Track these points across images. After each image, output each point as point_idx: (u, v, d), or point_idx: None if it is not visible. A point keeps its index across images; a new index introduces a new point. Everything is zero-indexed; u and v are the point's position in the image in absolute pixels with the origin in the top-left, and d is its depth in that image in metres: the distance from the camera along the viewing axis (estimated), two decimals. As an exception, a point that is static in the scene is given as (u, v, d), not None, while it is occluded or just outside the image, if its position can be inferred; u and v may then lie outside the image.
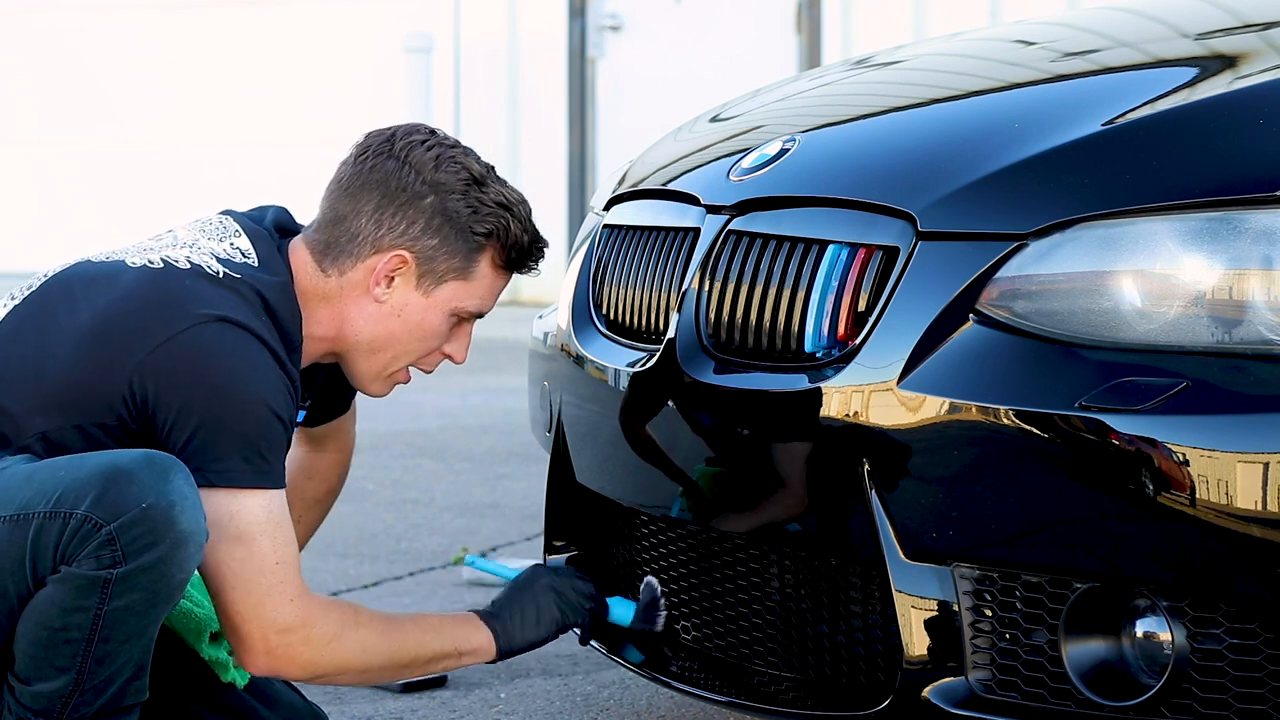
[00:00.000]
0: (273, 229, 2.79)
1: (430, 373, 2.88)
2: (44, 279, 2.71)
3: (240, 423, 2.57)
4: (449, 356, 2.84)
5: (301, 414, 2.92)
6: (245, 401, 2.57)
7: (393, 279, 2.74)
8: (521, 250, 2.78)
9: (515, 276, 2.84)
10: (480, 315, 2.82)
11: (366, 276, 2.73)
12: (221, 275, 2.65)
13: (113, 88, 11.03)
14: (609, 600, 2.94)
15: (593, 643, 2.98)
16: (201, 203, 10.86)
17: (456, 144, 2.79)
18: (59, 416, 2.59)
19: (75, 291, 2.66)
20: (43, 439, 2.59)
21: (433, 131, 2.80)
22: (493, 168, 2.81)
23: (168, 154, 10.87)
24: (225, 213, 2.82)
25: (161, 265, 2.66)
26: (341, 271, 2.74)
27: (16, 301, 2.70)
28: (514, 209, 2.76)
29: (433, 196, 2.72)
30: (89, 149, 11.12)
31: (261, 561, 2.59)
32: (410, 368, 2.84)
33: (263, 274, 2.69)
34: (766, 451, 2.63)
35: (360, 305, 2.75)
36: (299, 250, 2.75)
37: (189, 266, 2.65)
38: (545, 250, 2.83)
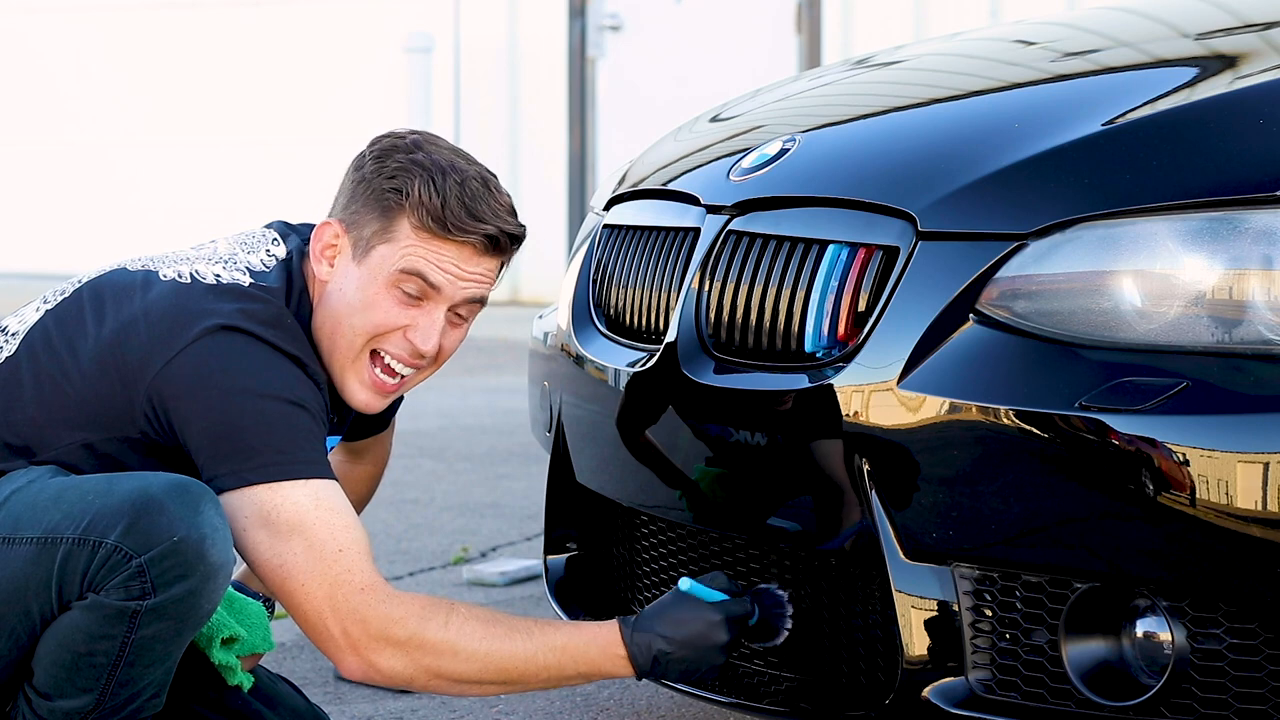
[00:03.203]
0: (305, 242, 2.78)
1: (405, 364, 2.68)
2: (78, 284, 2.71)
3: (255, 419, 2.54)
4: (412, 344, 2.66)
5: (339, 434, 2.88)
6: (257, 398, 2.54)
7: (334, 258, 2.69)
8: (436, 213, 2.61)
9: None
10: (433, 288, 2.63)
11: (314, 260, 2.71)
12: (247, 285, 2.64)
13: (113, 88, 11.04)
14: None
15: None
16: (202, 204, 10.86)
17: (431, 138, 2.71)
18: (86, 431, 2.58)
19: (105, 302, 2.65)
20: (71, 451, 2.58)
21: (422, 131, 2.75)
22: (445, 153, 2.68)
23: (168, 154, 10.87)
24: (271, 225, 2.81)
25: (188, 280, 2.64)
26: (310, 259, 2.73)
27: (50, 306, 2.69)
28: (433, 171, 2.63)
29: (365, 167, 2.69)
30: (89, 150, 11.12)
31: (321, 550, 2.51)
32: (387, 361, 2.66)
33: (284, 274, 2.69)
34: (766, 452, 2.63)
35: (319, 295, 2.70)
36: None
37: (213, 282, 2.64)
38: (484, 222, 2.64)
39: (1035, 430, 2.36)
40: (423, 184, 2.63)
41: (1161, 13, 3.27)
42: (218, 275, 2.65)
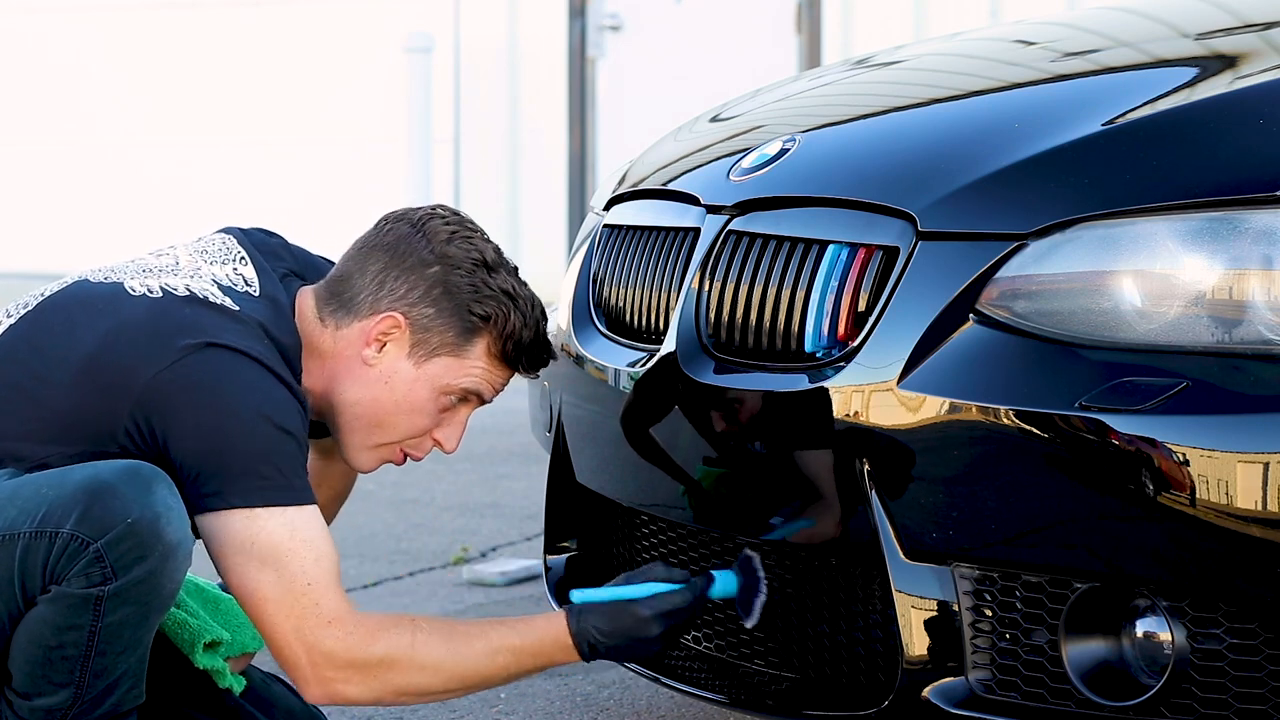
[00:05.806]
0: (273, 260, 2.77)
1: (419, 459, 2.78)
2: (40, 298, 2.68)
3: (244, 441, 2.53)
4: (439, 444, 2.75)
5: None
6: (246, 420, 2.54)
7: (385, 343, 2.69)
8: (519, 345, 2.71)
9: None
10: (479, 400, 2.74)
11: (360, 337, 2.69)
12: (220, 303, 2.63)
13: (113, 88, 11.04)
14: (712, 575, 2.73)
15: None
16: (202, 204, 10.87)
17: (479, 229, 2.76)
18: (60, 445, 2.57)
19: (74, 316, 2.63)
20: (42, 467, 2.56)
21: (457, 213, 2.77)
22: (506, 263, 2.77)
23: (168, 154, 10.87)
24: (226, 231, 2.80)
25: (160, 294, 2.62)
26: (338, 326, 2.70)
27: (13, 320, 2.66)
28: (519, 302, 2.70)
29: (438, 267, 2.68)
30: (89, 150, 11.12)
31: (291, 583, 2.54)
32: (402, 450, 2.75)
33: (264, 304, 2.67)
34: (766, 452, 2.63)
35: (350, 366, 2.70)
36: (305, 296, 2.74)
37: (186, 294, 2.63)
38: (547, 358, 2.77)
39: (1035, 430, 2.36)
40: (517, 319, 2.70)
41: (1161, 13, 3.27)
42: (188, 286, 2.64)
